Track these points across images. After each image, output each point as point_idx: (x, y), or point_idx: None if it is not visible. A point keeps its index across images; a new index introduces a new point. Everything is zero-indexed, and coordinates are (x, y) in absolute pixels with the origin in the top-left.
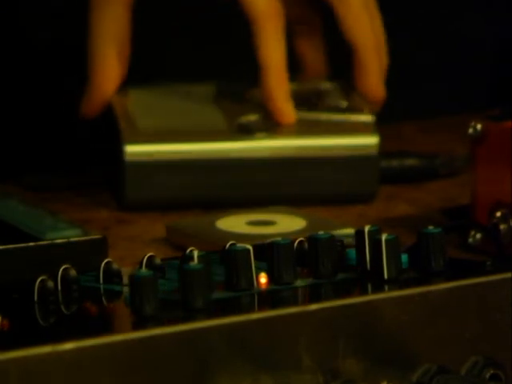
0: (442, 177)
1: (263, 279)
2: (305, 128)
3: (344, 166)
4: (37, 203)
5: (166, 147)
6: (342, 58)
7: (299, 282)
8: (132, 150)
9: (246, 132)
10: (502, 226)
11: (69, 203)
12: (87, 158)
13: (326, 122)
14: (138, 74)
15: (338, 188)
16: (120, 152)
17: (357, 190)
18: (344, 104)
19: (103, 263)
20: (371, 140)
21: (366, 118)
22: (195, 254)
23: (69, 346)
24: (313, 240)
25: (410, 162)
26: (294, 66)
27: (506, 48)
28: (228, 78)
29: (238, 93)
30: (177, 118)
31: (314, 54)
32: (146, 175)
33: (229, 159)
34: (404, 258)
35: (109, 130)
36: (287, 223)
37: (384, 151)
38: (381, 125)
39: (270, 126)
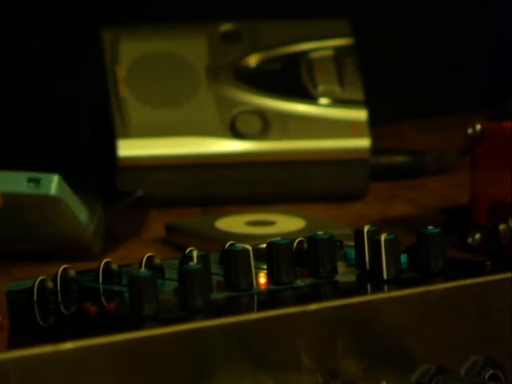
0: (430, 173)
1: (262, 279)
2: (300, 129)
3: (337, 168)
4: None
5: (159, 143)
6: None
7: (298, 282)
8: (125, 144)
9: (239, 136)
10: (501, 226)
11: None
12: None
13: (321, 120)
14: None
15: (331, 187)
16: (114, 146)
17: (349, 189)
18: (338, 91)
19: (102, 263)
20: (363, 143)
21: (360, 114)
22: (194, 253)
23: (68, 345)
24: (312, 240)
25: (399, 158)
26: None
27: (505, 47)
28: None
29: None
30: (171, 108)
31: None
32: (139, 170)
33: (222, 159)
34: (403, 257)
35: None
36: (286, 223)
37: (373, 148)
38: (380, 125)
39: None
